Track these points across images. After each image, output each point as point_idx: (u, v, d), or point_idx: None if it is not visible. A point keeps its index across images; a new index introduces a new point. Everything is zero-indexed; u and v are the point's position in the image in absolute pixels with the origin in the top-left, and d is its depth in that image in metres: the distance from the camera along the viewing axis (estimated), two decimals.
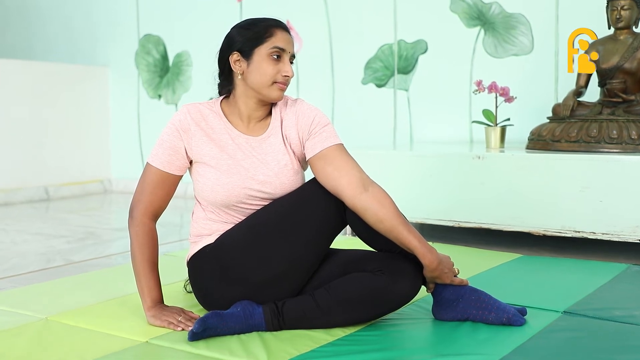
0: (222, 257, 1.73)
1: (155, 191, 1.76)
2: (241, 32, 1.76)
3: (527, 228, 2.76)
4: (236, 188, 1.74)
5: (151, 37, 4.93)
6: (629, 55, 2.87)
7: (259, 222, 1.72)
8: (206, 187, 1.75)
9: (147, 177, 1.77)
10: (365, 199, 1.66)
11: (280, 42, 1.75)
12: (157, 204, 1.77)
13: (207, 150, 1.76)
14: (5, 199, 4.48)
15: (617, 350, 1.56)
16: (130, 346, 1.63)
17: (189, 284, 2.01)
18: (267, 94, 1.75)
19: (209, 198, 1.76)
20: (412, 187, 2.99)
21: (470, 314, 1.74)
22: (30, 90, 4.70)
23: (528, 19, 3.59)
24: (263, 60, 1.74)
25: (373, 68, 4.06)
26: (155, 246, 1.78)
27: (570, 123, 2.87)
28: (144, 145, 5.04)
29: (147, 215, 1.76)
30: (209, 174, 1.75)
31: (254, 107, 1.79)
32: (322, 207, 1.69)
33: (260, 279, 1.70)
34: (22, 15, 5.61)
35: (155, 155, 1.76)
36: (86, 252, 2.90)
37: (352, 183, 1.67)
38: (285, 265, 1.70)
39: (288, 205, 1.72)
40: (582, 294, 2.03)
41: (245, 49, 1.75)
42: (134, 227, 1.76)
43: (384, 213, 1.65)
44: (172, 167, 1.76)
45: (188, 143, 1.75)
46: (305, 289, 1.76)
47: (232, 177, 1.74)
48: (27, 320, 1.83)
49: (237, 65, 1.77)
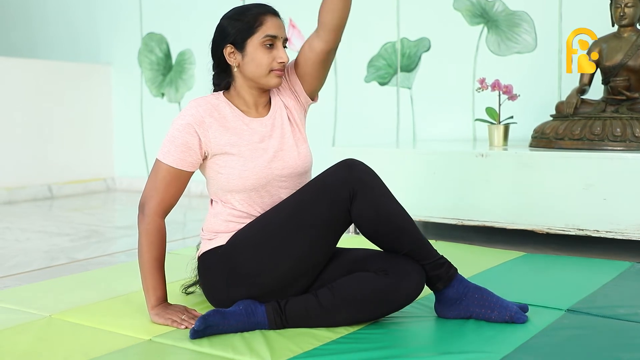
0: (233, 258, 1.73)
1: (167, 188, 1.76)
2: (231, 24, 1.77)
3: (531, 226, 2.75)
4: (264, 170, 1.75)
5: (154, 35, 4.93)
6: (633, 53, 2.87)
7: (268, 223, 1.72)
8: (233, 177, 1.75)
9: (159, 175, 1.76)
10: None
11: (271, 30, 1.75)
12: (168, 201, 1.77)
13: (226, 139, 1.76)
14: (9, 197, 4.49)
15: (621, 348, 1.56)
16: (134, 344, 1.63)
17: (187, 287, 2.00)
18: (266, 82, 1.77)
19: (238, 186, 1.75)
20: (415, 185, 2.98)
21: (473, 312, 1.74)
22: (33, 89, 4.71)
23: (531, 17, 3.59)
24: (257, 51, 1.75)
25: (376, 66, 4.05)
26: (163, 245, 1.78)
27: (574, 121, 2.87)
28: (147, 143, 5.04)
29: (158, 213, 1.76)
30: (233, 163, 1.75)
31: (257, 94, 1.82)
32: (328, 207, 1.68)
33: (268, 280, 1.70)
34: (25, 14, 5.61)
35: (167, 153, 1.75)
36: (89, 250, 2.91)
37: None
38: (293, 266, 1.70)
39: (295, 206, 1.71)
40: (586, 292, 2.03)
41: (238, 41, 1.75)
42: (145, 224, 1.76)
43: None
44: (184, 164, 1.75)
45: (205, 136, 1.74)
46: (310, 288, 1.76)
47: (257, 160, 1.76)
48: (31, 318, 1.83)
49: (232, 58, 1.77)
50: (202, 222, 2.00)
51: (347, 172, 1.69)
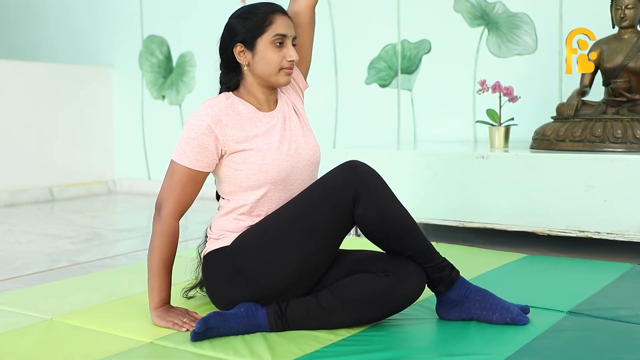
0: (237, 259, 1.73)
1: (184, 190, 1.75)
2: (241, 23, 1.78)
3: (532, 228, 2.75)
4: (282, 162, 1.77)
5: (155, 38, 4.94)
6: (634, 55, 2.87)
7: (272, 225, 1.72)
8: (253, 172, 1.75)
9: (176, 176, 1.75)
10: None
11: (281, 29, 1.76)
12: (185, 203, 1.77)
13: (244, 135, 1.76)
14: (11, 199, 4.49)
15: (622, 350, 1.55)
16: (135, 347, 1.63)
17: (188, 291, 1.99)
18: (276, 80, 1.79)
19: (258, 181, 1.75)
20: (416, 187, 2.98)
21: (475, 314, 1.74)
22: (34, 92, 4.72)
23: (532, 19, 3.59)
24: (267, 49, 1.76)
25: (377, 68, 4.06)
26: (175, 247, 1.78)
27: (575, 122, 2.87)
28: (148, 146, 5.05)
29: (174, 215, 1.76)
30: (252, 158, 1.75)
31: (268, 92, 1.83)
32: (332, 209, 1.68)
33: (272, 282, 1.70)
34: (26, 17, 5.62)
35: (183, 154, 1.74)
36: (91, 253, 2.91)
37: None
38: (297, 268, 1.70)
39: (299, 208, 1.71)
40: (587, 293, 2.03)
41: (248, 40, 1.76)
42: (160, 225, 1.75)
43: None
44: (201, 165, 1.75)
45: (222, 135, 1.74)
46: (312, 290, 1.76)
47: (275, 153, 1.77)
48: (32, 321, 1.83)
49: (242, 57, 1.78)
50: (204, 224, 2.00)
51: (350, 174, 1.69)
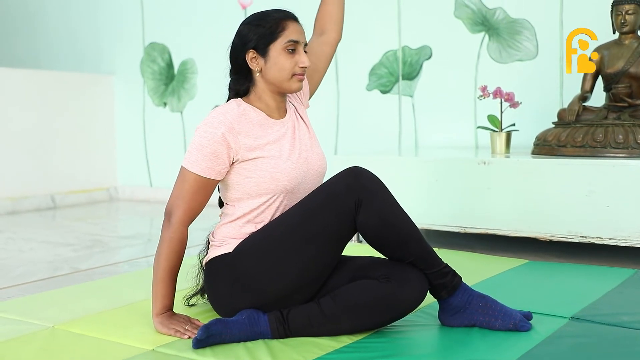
0: (239, 266, 1.72)
1: (195, 197, 1.75)
2: (253, 29, 1.77)
3: (534, 233, 2.75)
4: (294, 171, 1.77)
5: (156, 45, 4.95)
6: (634, 60, 2.87)
7: (274, 232, 1.72)
8: (265, 180, 1.75)
9: (187, 184, 1.75)
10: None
11: (294, 35, 1.76)
12: (195, 210, 1.77)
13: (257, 143, 1.76)
14: (12, 207, 4.49)
15: (625, 356, 1.55)
16: (137, 354, 1.63)
17: (189, 298, 1.99)
18: (288, 87, 1.79)
19: (269, 189, 1.75)
20: (418, 193, 2.98)
21: (477, 320, 1.74)
22: (36, 99, 4.72)
23: (532, 24, 3.59)
24: (279, 55, 1.76)
25: (378, 74, 4.06)
26: (182, 255, 1.78)
27: (576, 128, 2.87)
28: (150, 153, 5.05)
29: (183, 222, 1.76)
30: (264, 165, 1.75)
31: (279, 98, 1.84)
32: (334, 216, 1.68)
33: (273, 288, 1.70)
34: (28, 25, 5.64)
35: (195, 162, 1.74)
36: (93, 260, 2.91)
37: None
38: (299, 275, 1.70)
39: (301, 215, 1.71)
40: (590, 299, 2.02)
41: (260, 46, 1.76)
42: (169, 232, 1.75)
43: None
44: (212, 173, 1.74)
45: (235, 142, 1.73)
46: (314, 297, 1.76)
47: (287, 161, 1.77)
48: (34, 329, 1.83)
49: (255, 63, 1.78)
50: (205, 231, 1.99)
51: (353, 180, 1.69)
